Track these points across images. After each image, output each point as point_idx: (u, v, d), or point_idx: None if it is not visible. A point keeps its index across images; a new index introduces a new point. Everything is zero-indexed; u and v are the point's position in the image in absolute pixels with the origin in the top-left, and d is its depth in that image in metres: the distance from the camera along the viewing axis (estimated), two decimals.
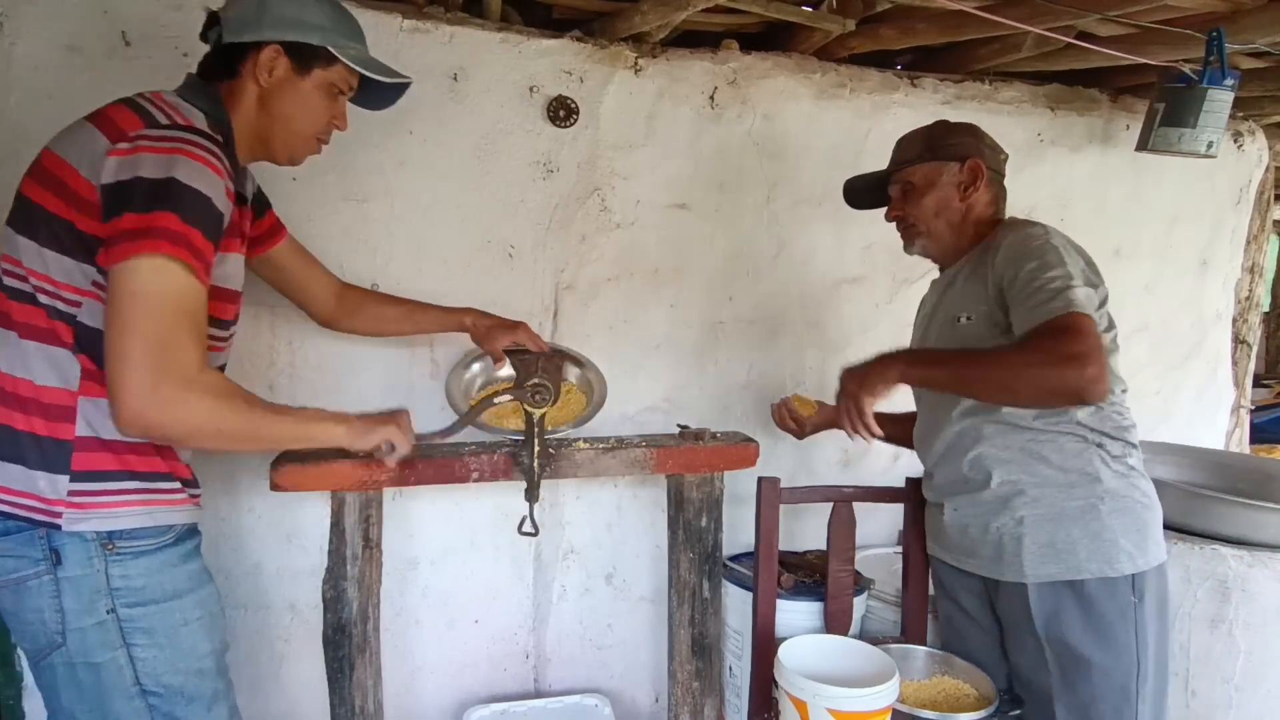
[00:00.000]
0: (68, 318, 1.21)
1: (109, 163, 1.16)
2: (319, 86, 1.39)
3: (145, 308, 1.12)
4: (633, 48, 2.12)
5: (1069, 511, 1.56)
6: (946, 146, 1.72)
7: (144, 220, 1.12)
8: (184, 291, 1.15)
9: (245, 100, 1.36)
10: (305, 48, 1.36)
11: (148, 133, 1.18)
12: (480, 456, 1.82)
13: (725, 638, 2.14)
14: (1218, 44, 2.00)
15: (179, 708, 1.27)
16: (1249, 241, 2.98)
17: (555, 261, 2.16)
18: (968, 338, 1.62)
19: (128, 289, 1.12)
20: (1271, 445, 4.49)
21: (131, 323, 1.11)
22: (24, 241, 1.21)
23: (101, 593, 1.21)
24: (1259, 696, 1.88)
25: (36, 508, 1.19)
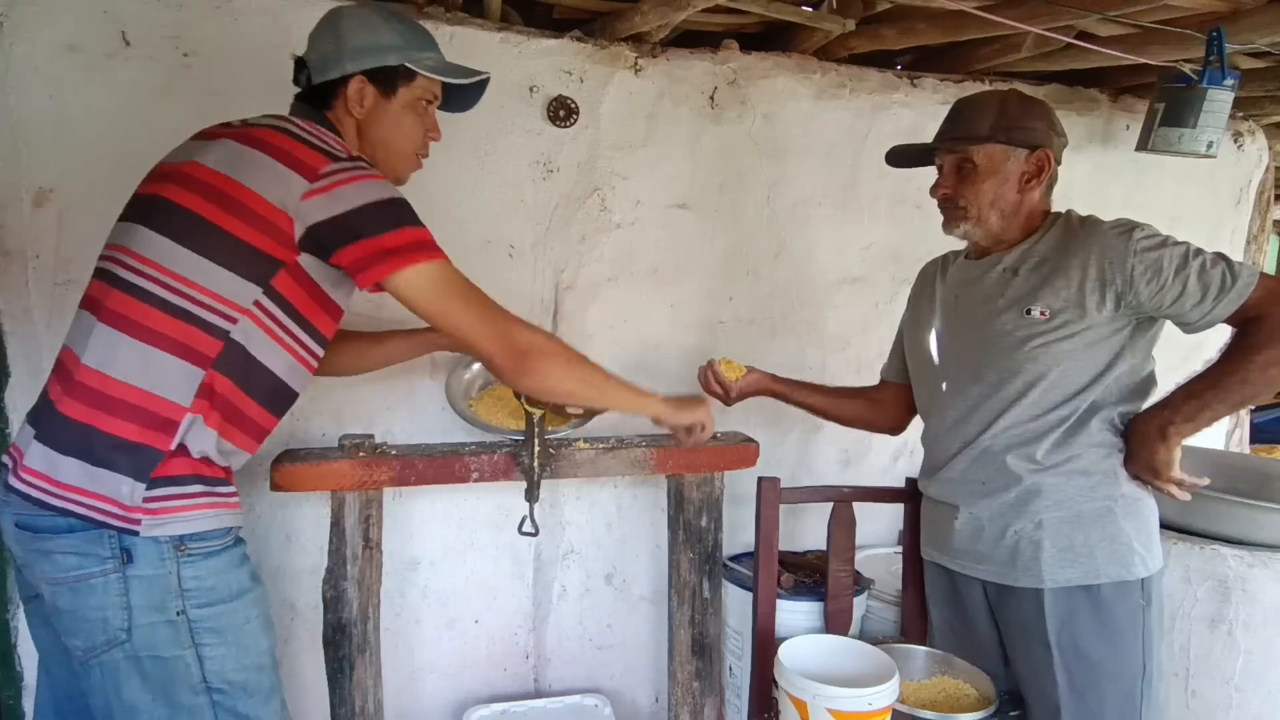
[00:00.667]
0: (220, 333, 1.23)
1: (315, 201, 1.23)
2: (407, 105, 1.43)
3: (470, 296, 1.33)
4: (633, 48, 2.12)
5: (1087, 514, 1.54)
6: (1020, 130, 1.57)
7: (410, 235, 1.27)
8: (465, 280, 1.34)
9: (346, 132, 1.41)
10: (387, 70, 1.39)
11: (336, 168, 1.25)
12: (480, 456, 1.82)
13: (725, 638, 2.14)
14: (1218, 44, 2.00)
15: (240, 702, 1.28)
16: (1249, 241, 2.98)
17: (555, 261, 2.16)
18: (1041, 330, 1.53)
19: (439, 292, 1.30)
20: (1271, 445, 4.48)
21: (476, 312, 1.33)
22: (186, 253, 1.21)
23: (173, 594, 1.22)
24: (1259, 696, 1.88)
25: (115, 513, 1.19)
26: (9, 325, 1.79)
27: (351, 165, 1.26)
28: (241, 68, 1.83)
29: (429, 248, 1.29)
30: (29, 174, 1.74)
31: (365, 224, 1.24)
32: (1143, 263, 1.47)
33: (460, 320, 1.32)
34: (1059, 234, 1.60)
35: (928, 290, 1.82)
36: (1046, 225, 1.63)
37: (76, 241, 1.77)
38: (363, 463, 1.74)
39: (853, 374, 2.49)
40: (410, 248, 1.27)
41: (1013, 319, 1.57)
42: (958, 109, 1.66)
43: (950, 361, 1.70)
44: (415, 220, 1.29)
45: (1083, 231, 1.57)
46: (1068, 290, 1.52)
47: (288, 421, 1.95)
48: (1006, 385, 1.58)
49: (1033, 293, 1.55)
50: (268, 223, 1.22)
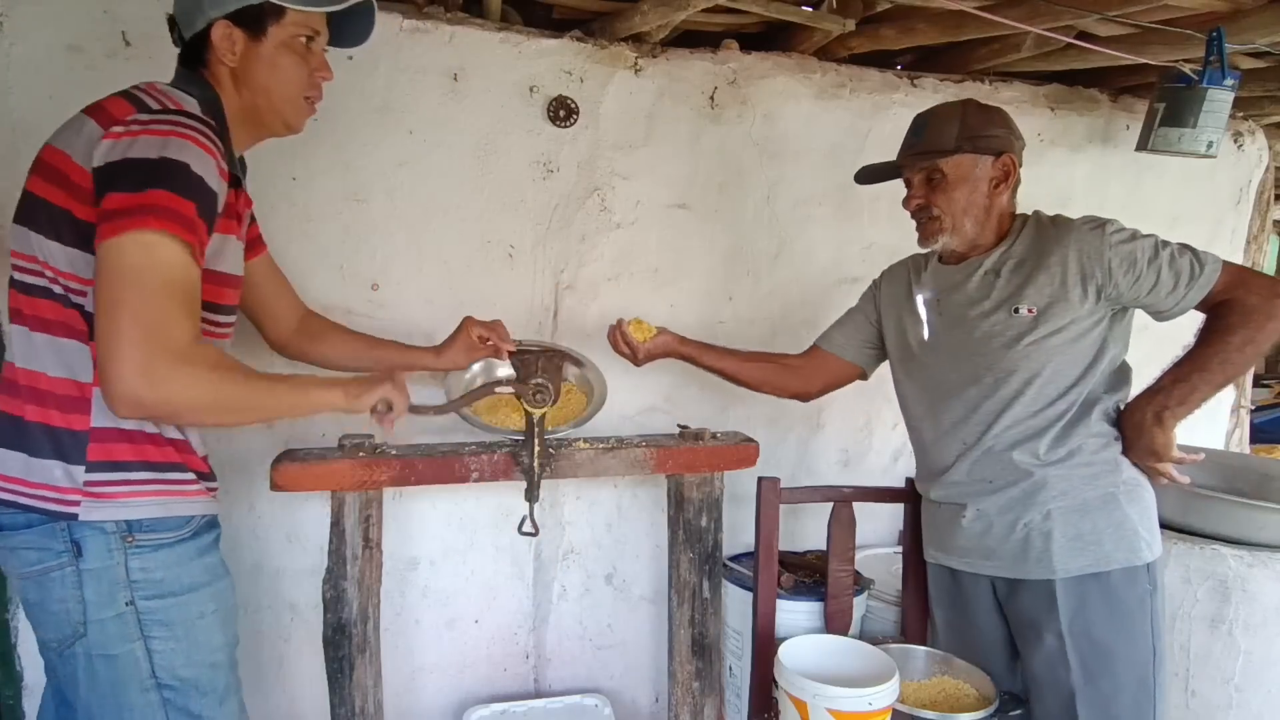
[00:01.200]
0: (78, 307, 1.21)
1: (101, 146, 1.15)
2: (281, 45, 1.32)
3: (134, 283, 1.09)
4: (633, 48, 2.12)
5: (1093, 502, 1.58)
6: (984, 138, 1.63)
7: (134, 199, 1.10)
8: (174, 265, 1.12)
9: (224, 85, 1.32)
10: (251, 11, 1.29)
11: (139, 116, 1.18)
12: (480, 456, 1.82)
13: (725, 638, 2.14)
14: (1218, 44, 2.00)
15: (193, 701, 1.28)
16: (1249, 241, 2.98)
17: (555, 261, 2.16)
18: (1030, 328, 1.58)
19: (115, 266, 1.10)
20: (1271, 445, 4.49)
21: (119, 300, 1.09)
22: (34, 236, 1.21)
23: (121, 585, 1.22)
24: (1259, 696, 1.88)
25: (53, 498, 1.20)
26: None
27: (157, 117, 1.17)
28: None
29: (162, 214, 1.10)
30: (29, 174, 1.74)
31: (126, 178, 1.12)
32: (1118, 255, 1.54)
33: (116, 301, 1.09)
34: (1032, 234, 1.65)
35: (902, 293, 1.84)
36: (1018, 226, 1.68)
37: None
38: (363, 463, 1.74)
39: None
40: (143, 210, 1.10)
41: (1002, 319, 1.61)
42: (920, 123, 1.70)
43: (942, 366, 1.72)
44: (173, 184, 1.12)
45: (1056, 230, 1.62)
46: (1051, 287, 1.57)
47: (287, 421, 1.97)
48: (1004, 385, 1.61)
49: (1017, 292, 1.60)
50: (79, 187, 1.17)
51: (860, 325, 1.94)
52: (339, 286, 1.98)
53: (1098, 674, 1.56)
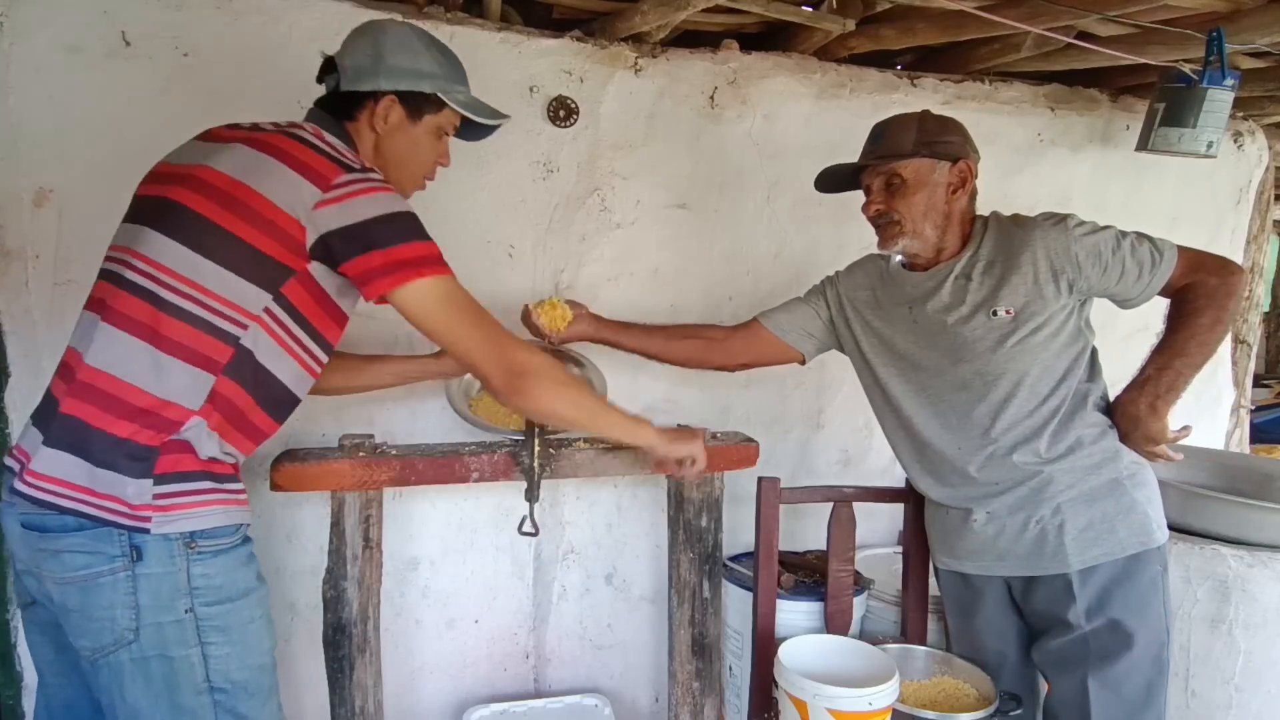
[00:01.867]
0: (231, 339, 1.23)
1: (328, 210, 1.23)
2: (429, 130, 1.47)
3: (473, 314, 1.33)
4: (633, 48, 2.12)
5: (1099, 490, 1.60)
6: (941, 144, 1.67)
7: (420, 249, 1.28)
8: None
9: (363, 142, 1.43)
10: (418, 95, 1.43)
11: (349, 179, 1.26)
12: (480, 456, 1.82)
13: (725, 638, 2.14)
14: (1218, 44, 2.00)
15: (241, 702, 1.28)
16: (1249, 241, 2.98)
17: (555, 261, 2.16)
18: (1011, 329, 1.60)
19: (443, 308, 1.31)
20: (1271, 445, 4.49)
21: (471, 329, 1.33)
22: (196, 258, 1.21)
23: (182, 591, 1.22)
24: (1259, 696, 1.88)
25: (122, 511, 1.19)
26: (9, 325, 1.79)
27: (364, 176, 1.27)
28: (241, 68, 1.83)
29: (436, 263, 1.30)
30: (29, 174, 1.74)
31: (375, 235, 1.25)
32: (1083, 248, 1.58)
33: (461, 337, 1.33)
34: (996, 235, 1.67)
35: (866, 297, 1.84)
36: (979, 229, 1.70)
37: (76, 241, 1.76)
38: (363, 463, 1.74)
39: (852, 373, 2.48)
40: (418, 262, 1.27)
41: (981, 323, 1.63)
42: (878, 131, 1.73)
43: (924, 373, 1.72)
44: (424, 235, 1.30)
45: (1019, 229, 1.65)
46: (1025, 286, 1.60)
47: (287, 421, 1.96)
48: (994, 388, 1.63)
49: (992, 295, 1.62)
50: (279, 230, 1.23)
51: (809, 317, 1.93)
52: None
53: (1114, 655, 1.58)
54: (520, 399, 1.38)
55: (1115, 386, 1.68)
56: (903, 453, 1.83)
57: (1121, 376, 1.68)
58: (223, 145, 1.29)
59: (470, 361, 1.36)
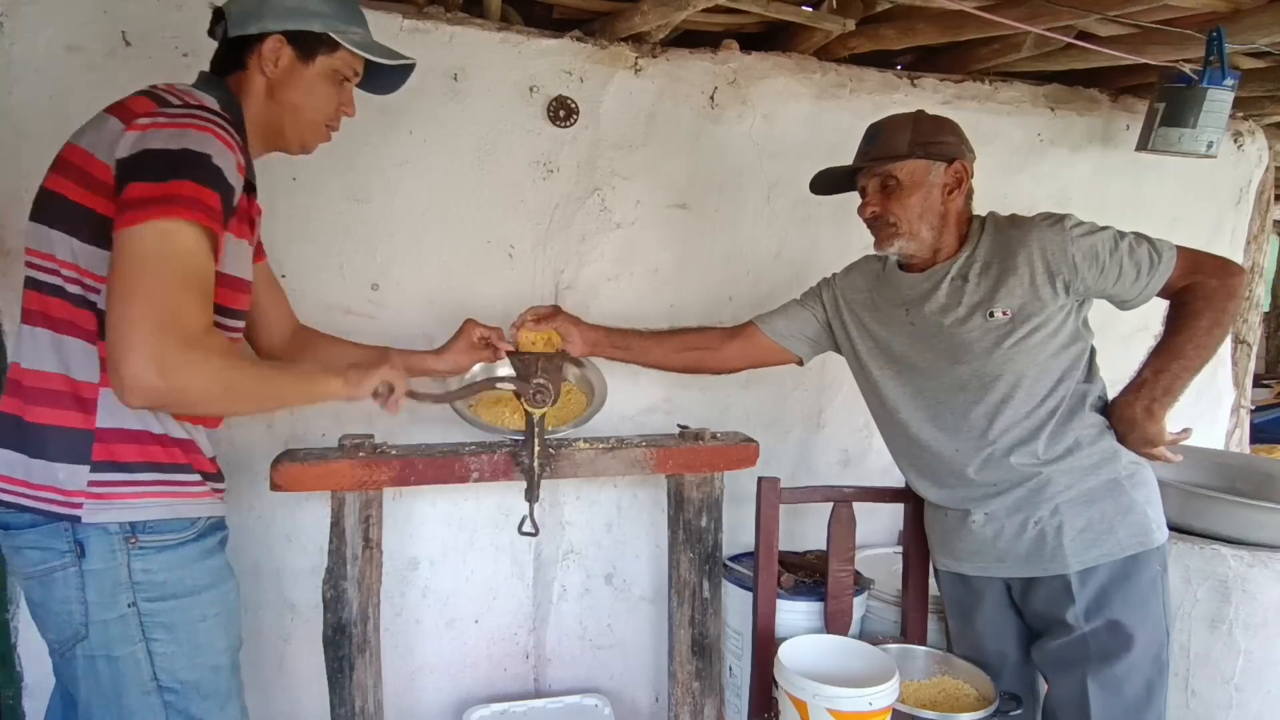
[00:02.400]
0: (90, 305, 1.21)
1: (124, 139, 1.16)
2: (324, 74, 1.40)
3: (151, 271, 1.09)
4: (633, 48, 2.12)
5: (1097, 491, 1.60)
6: (936, 144, 1.66)
7: (157, 188, 1.11)
8: (192, 253, 1.13)
9: (254, 92, 1.37)
10: (308, 35, 1.36)
11: (160, 110, 1.19)
12: (480, 456, 1.82)
13: (725, 638, 2.14)
14: (1218, 44, 2.00)
15: (194, 704, 1.28)
16: (1249, 241, 2.98)
17: (555, 261, 2.16)
18: (1008, 330, 1.60)
19: (132, 253, 1.10)
20: (1271, 445, 4.49)
21: (134, 287, 1.09)
22: (51, 233, 1.21)
23: (123, 586, 1.22)
24: (1259, 696, 1.88)
25: (56, 500, 1.20)
26: (9, 325, 1.79)
27: (178, 111, 1.19)
28: None
29: (187, 203, 1.11)
30: (29, 174, 1.73)
31: (147, 168, 1.13)
32: (1081, 249, 1.57)
33: (126, 293, 1.09)
34: (992, 236, 1.67)
35: (863, 300, 1.83)
36: (976, 230, 1.70)
37: None
38: (363, 463, 1.74)
39: None
40: (167, 200, 1.10)
41: (978, 324, 1.62)
42: (873, 132, 1.72)
43: (921, 375, 1.71)
44: (195, 174, 1.13)
45: (1016, 230, 1.64)
46: (1022, 287, 1.59)
47: (287, 421, 1.97)
48: (991, 390, 1.62)
49: (989, 296, 1.62)
50: (100, 182, 1.18)
51: (805, 320, 1.93)
52: (339, 286, 1.98)
53: (1113, 656, 1.57)
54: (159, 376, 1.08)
55: (1115, 387, 1.68)
56: (900, 455, 1.83)
57: (1121, 377, 1.68)
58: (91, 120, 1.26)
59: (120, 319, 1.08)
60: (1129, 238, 1.59)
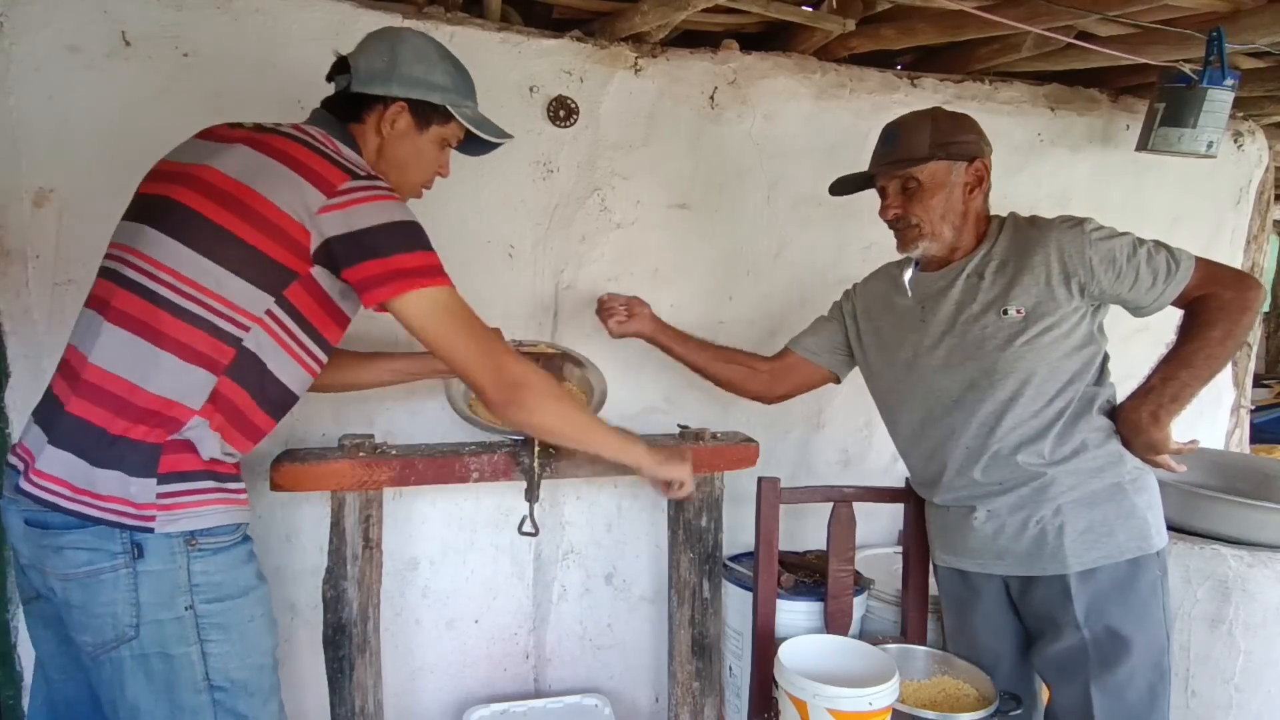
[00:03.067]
0: (233, 340, 1.24)
1: (332, 216, 1.24)
2: (433, 140, 1.48)
3: (468, 327, 1.34)
4: (633, 48, 2.12)
5: (1100, 494, 1.60)
6: (956, 144, 1.65)
7: (422, 259, 1.29)
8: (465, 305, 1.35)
9: (367, 145, 1.44)
10: (428, 105, 1.44)
11: (354, 185, 1.27)
12: (480, 456, 1.82)
13: (725, 638, 2.14)
14: (1218, 44, 2.00)
15: (241, 701, 1.29)
16: (1249, 241, 2.98)
17: (555, 261, 2.16)
18: (1021, 329, 1.59)
19: (444, 319, 1.32)
20: (1271, 445, 4.48)
21: (467, 340, 1.34)
22: (199, 259, 1.22)
23: (182, 589, 1.23)
24: (1259, 696, 1.88)
25: (127, 513, 1.19)
26: (9, 325, 1.79)
27: (369, 183, 1.28)
28: (241, 68, 1.83)
29: (435, 273, 1.31)
30: (29, 174, 1.74)
31: (378, 243, 1.26)
32: (1098, 253, 1.57)
33: (458, 347, 1.34)
34: (1011, 235, 1.67)
35: (879, 305, 1.85)
36: (995, 228, 1.70)
37: (76, 241, 1.76)
38: (363, 463, 1.74)
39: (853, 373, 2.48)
40: (418, 272, 1.28)
41: (992, 321, 1.62)
42: (891, 132, 1.71)
43: (933, 372, 1.71)
44: (426, 244, 1.31)
45: (1035, 230, 1.64)
46: (1037, 286, 1.59)
47: (287, 421, 1.96)
48: (1000, 387, 1.62)
49: (1004, 294, 1.62)
50: (283, 233, 1.24)
51: (833, 333, 1.96)
52: None
53: (1114, 662, 1.57)
54: (514, 411, 1.39)
55: (1119, 388, 1.68)
56: (906, 452, 1.83)
57: (1120, 378, 1.68)
58: (225, 145, 1.29)
59: (465, 372, 1.37)
60: (1148, 245, 1.59)
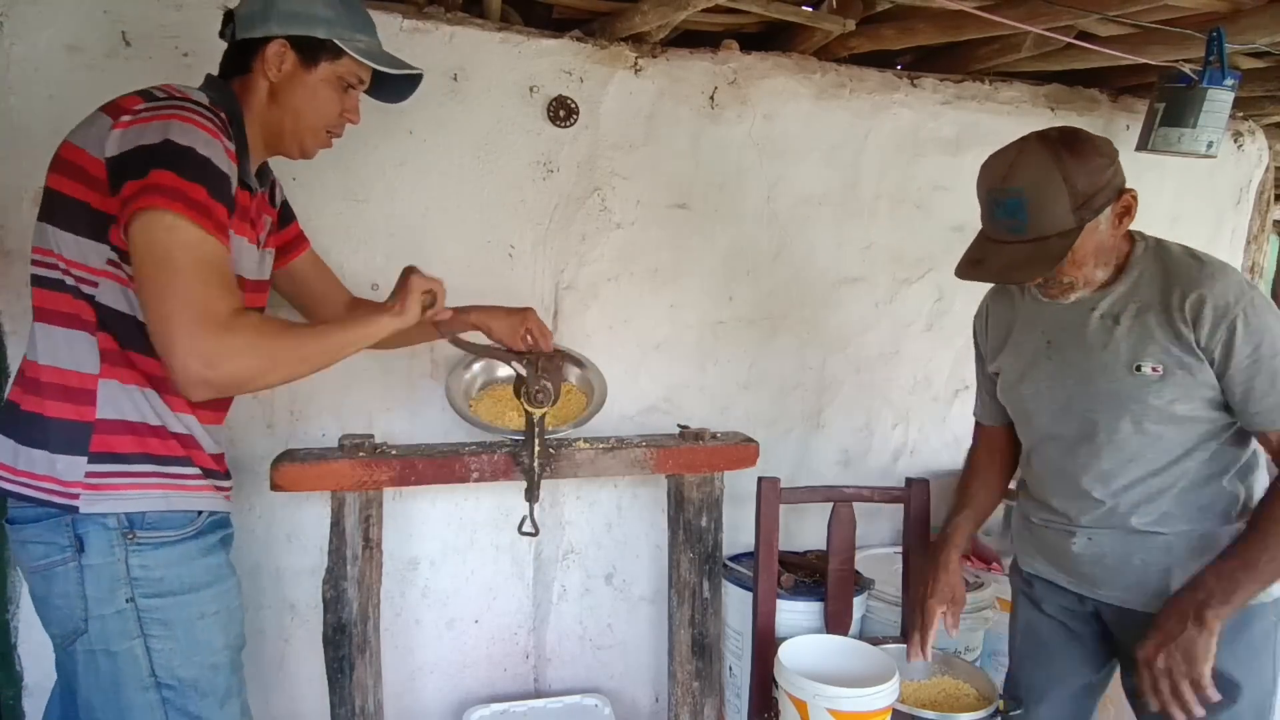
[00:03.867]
0: (88, 298, 1.23)
1: (112, 136, 1.18)
2: (327, 80, 1.39)
3: (167, 266, 1.13)
4: (633, 48, 2.12)
5: (1220, 539, 1.46)
6: (1100, 194, 1.37)
7: (143, 182, 1.13)
8: (197, 243, 1.14)
9: (257, 95, 1.38)
10: (312, 41, 1.36)
11: (146, 105, 1.21)
12: (480, 456, 1.82)
13: (725, 638, 2.14)
14: (1218, 44, 2.00)
15: (192, 702, 1.28)
16: (1249, 241, 2.98)
17: (555, 261, 2.16)
18: (1160, 392, 1.42)
19: (144, 251, 1.13)
20: None
21: (158, 285, 1.13)
22: (51, 230, 1.23)
23: (121, 581, 1.23)
24: None
25: (55, 490, 1.22)
26: (9, 325, 1.79)
27: (163, 103, 1.20)
28: None
29: (170, 195, 1.12)
30: (29, 174, 1.74)
31: (138, 163, 1.15)
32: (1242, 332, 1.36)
33: (158, 286, 1.13)
34: (1154, 274, 1.45)
35: (1005, 322, 1.66)
36: (1134, 259, 1.47)
37: None
38: (363, 463, 1.74)
39: (852, 373, 2.49)
40: (155, 190, 1.12)
41: (1123, 376, 1.45)
42: (1012, 202, 1.38)
43: (1056, 412, 1.57)
44: (185, 169, 1.14)
45: (1182, 273, 1.42)
46: (1172, 348, 1.41)
47: (287, 421, 1.97)
48: (1123, 447, 1.49)
49: (1140, 346, 1.43)
50: (93, 177, 1.20)
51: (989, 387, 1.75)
52: None
53: (1218, 706, 1.41)
54: (208, 369, 1.13)
55: None
56: (1025, 465, 1.71)
57: None
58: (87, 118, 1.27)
59: (155, 318, 1.14)
60: None
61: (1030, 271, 1.39)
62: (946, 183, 2.47)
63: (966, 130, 2.47)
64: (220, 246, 1.18)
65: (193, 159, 1.16)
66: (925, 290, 2.52)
